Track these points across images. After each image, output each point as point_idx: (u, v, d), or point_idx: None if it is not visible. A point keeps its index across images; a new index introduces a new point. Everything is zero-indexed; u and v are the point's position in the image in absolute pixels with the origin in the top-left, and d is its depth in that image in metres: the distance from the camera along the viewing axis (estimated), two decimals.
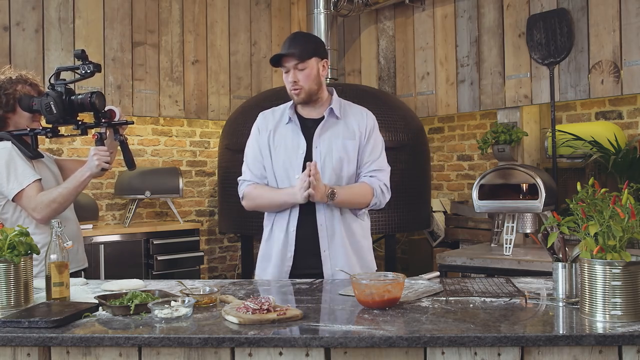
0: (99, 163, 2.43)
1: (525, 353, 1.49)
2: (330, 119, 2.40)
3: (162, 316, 1.63)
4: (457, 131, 5.57)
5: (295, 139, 2.38)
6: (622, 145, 4.03)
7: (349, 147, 2.38)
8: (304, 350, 1.50)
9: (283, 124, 2.43)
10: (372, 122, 2.46)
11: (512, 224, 3.75)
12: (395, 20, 5.40)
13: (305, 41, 2.35)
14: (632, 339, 1.46)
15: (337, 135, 2.38)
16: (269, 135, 2.43)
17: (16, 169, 2.38)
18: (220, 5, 5.35)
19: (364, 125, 2.42)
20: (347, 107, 2.48)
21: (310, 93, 2.35)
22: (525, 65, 4.42)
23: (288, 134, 2.40)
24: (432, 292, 1.93)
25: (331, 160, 2.35)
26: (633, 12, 3.87)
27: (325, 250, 2.35)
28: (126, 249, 4.55)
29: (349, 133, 2.40)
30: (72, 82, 2.45)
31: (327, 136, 2.38)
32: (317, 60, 2.34)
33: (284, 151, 2.38)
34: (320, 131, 2.38)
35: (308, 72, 2.32)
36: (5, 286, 1.80)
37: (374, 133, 2.45)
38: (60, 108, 2.40)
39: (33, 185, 2.39)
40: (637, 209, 1.59)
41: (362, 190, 2.37)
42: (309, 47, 2.33)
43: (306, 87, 2.33)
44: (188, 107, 5.15)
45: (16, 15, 4.31)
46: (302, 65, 2.30)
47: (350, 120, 2.42)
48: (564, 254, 1.81)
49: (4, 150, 2.40)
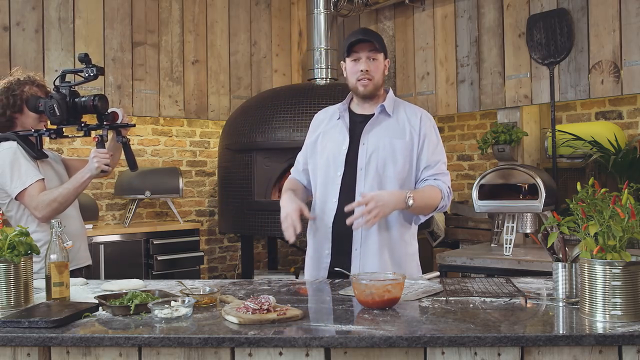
0: (99, 165, 2.47)
1: (525, 353, 1.49)
2: (381, 115, 2.35)
3: (162, 316, 1.63)
4: (457, 131, 5.57)
5: (341, 135, 2.36)
6: (622, 145, 4.03)
7: (397, 146, 2.31)
8: (304, 350, 1.50)
9: (333, 121, 2.41)
10: (427, 123, 2.37)
11: (512, 224, 3.75)
12: (395, 20, 5.40)
13: (377, 35, 2.37)
14: (632, 339, 1.46)
15: (386, 133, 2.32)
16: (318, 135, 2.43)
17: (20, 168, 2.45)
18: (220, 5, 5.35)
19: (417, 125, 2.35)
20: (402, 106, 2.42)
21: (377, 86, 2.33)
22: (525, 65, 4.42)
23: (335, 131, 2.38)
24: (432, 292, 1.93)
25: (377, 159, 2.29)
26: (633, 12, 3.87)
27: (357, 248, 2.29)
28: (126, 249, 4.55)
29: (399, 132, 2.33)
30: (76, 84, 2.48)
31: (375, 133, 2.32)
32: (384, 57, 2.35)
33: (329, 147, 2.36)
34: (369, 127, 2.33)
35: (378, 64, 2.31)
36: (5, 286, 1.80)
37: (431, 134, 2.37)
38: (64, 110, 2.44)
39: (35, 185, 2.44)
40: (637, 209, 1.59)
41: (434, 194, 2.30)
42: (382, 41, 2.34)
43: (376, 78, 2.31)
44: (188, 107, 5.15)
45: (16, 15, 4.31)
46: (376, 55, 2.30)
47: (402, 119, 2.36)
48: (564, 254, 1.81)
49: (9, 150, 2.48)
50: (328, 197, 2.34)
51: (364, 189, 2.28)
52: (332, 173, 2.33)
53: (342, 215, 2.25)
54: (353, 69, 2.32)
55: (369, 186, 2.28)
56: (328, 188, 2.34)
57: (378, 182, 2.29)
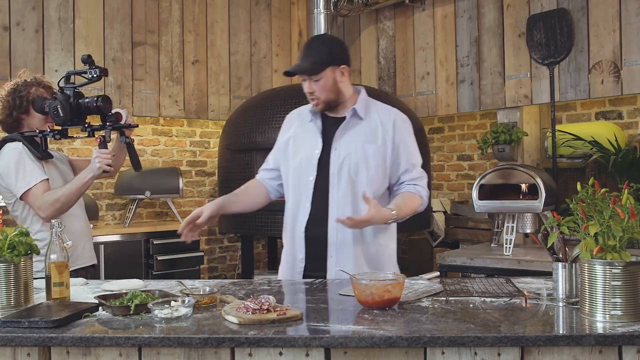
0: (100, 165, 2.48)
1: (525, 353, 1.49)
2: (353, 119, 2.31)
3: (162, 316, 1.63)
4: (457, 131, 5.57)
5: (313, 139, 2.32)
6: (622, 145, 4.03)
7: (369, 151, 2.27)
8: (304, 350, 1.50)
9: (305, 123, 2.38)
10: (402, 127, 2.34)
11: (512, 224, 3.75)
12: (395, 20, 5.40)
13: (318, 52, 2.25)
14: (632, 339, 1.46)
15: (358, 138, 2.28)
16: (289, 138, 2.40)
17: (25, 168, 2.49)
18: (220, 5, 5.35)
19: (390, 129, 2.30)
20: (374, 107, 2.36)
21: (327, 103, 2.28)
22: (525, 65, 4.42)
23: (307, 135, 2.35)
24: (432, 292, 1.93)
25: (349, 164, 2.26)
26: (633, 12, 3.87)
27: (332, 256, 2.27)
28: (126, 249, 4.55)
29: (371, 136, 2.29)
30: (80, 85, 2.51)
31: (347, 138, 2.29)
32: (333, 68, 2.24)
33: (301, 151, 2.34)
34: (340, 132, 2.29)
35: (323, 83, 2.24)
36: (5, 286, 1.80)
37: (405, 137, 2.34)
38: (67, 111, 2.47)
39: (40, 185, 2.49)
40: (637, 209, 1.59)
41: (415, 203, 2.30)
42: (322, 57, 2.23)
43: (322, 97, 2.26)
44: (188, 107, 5.15)
45: (16, 15, 4.31)
46: (316, 77, 2.23)
47: (375, 122, 2.31)
48: (564, 254, 1.81)
49: (15, 150, 2.52)
50: (301, 202, 2.31)
51: (337, 194, 2.26)
52: (304, 177, 2.31)
53: (315, 220, 2.27)
54: (303, 86, 2.29)
55: (342, 191, 2.26)
56: (301, 192, 2.32)
57: (351, 187, 2.26)
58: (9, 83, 2.66)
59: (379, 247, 2.34)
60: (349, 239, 2.26)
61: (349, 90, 2.33)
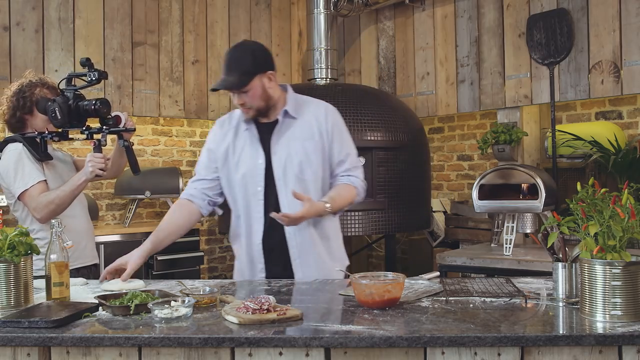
0: (93, 169, 2.49)
1: (525, 353, 1.49)
2: (286, 120, 2.30)
3: (162, 316, 1.63)
4: (457, 131, 5.57)
5: (253, 150, 2.30)
6: (622, 145, 4.03)
7: (309, 148, 2.28)
8: (304, 350, 1.50)
9: (240, 132, 2.34)
10: (332, 117, 2.35)
11: (512, 224, 3.75)
12: (395, 20, 5.40)
13: (242, 63, 2.21)
14: (632, 339, 1.46)
15: (295, 138, 2.29)
16: (227, 149, 2.34)
17: (23, 169, 2.53)
18: (220, 5, 5.35)
19: (323, 122, 2.32)
20: (305, 104, 2.36)
21: (259, 110, 2.26)
22: (525, 65, 4.42)
23: (246, 146, 2.32)
24: (432, 292, 1.93)
25: (292, 166, 2.26)
26: (633, 12, 3.87)
27: (295, 259, 2.29)
28: (126, 249, 4.46)
29: (307, 133, 2.30)
30: (80, 88, 2.52)
31: (284, 140, 2.29)
32: (260, 77, 2.22)
33: (244, 163, 2.30)
34: (276, 136, 2.29)
35: (252, 94, 2.22)
36: (5, 286, 1.80)
37: (338, 128, 2.34)
38: (65, 113, 2.47)
39: (37, 186, 2.52)
40: (637, 209, 1.59)
41: (349, 194, 2.30)
42: (247, 68, 2.20)
43: (254, 106, 2.25)
44: (188, 107, 5.15)
45: (16, 15, 4.31)
46: (244, 89, 2.21)
47: (308, 118, 2.32)
48: (564, 254, 1.81)
49: (14, 151, 2.55)
50: (252, 214, 2.31)
51: (287, 199, 2.26)
52: (252, 189, 2.30)
53: (271, 229, 2.27)
54: (233, 98, 2.27)
55: (291, 195, 2.24)
56: (250, 205, 2.31)
57: (300, 188, 2.25)
58: (14, 83, 2.69)
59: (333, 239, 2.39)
60: (307, 239, 2.29)
61: (277, 93, 2.31)
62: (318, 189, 2.31)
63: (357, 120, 4.36)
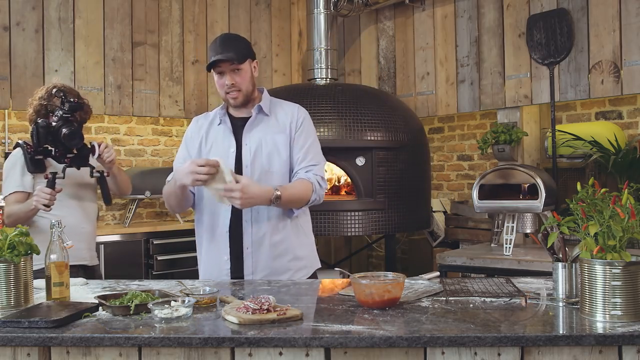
0: (36, 205, 2.53)
1: (525, 353, 1.49)
2: (259, 115, 2.38)
3: (162, 316, 1.63)
4: (457, 131, 5.57)
5: (226, 140, 2.36)
6: (622, 145, 4.03)
7: (279, 141, 2.34)
8: (304, 350, 1.50)
9: (215, 127, 2.41)
10: (302, 116, 2.42)
11: (512, 224, 3.75)
12: (395, 20, 5.40)
13: (238, 44, 2.32)
14: (632, 339, 1.46)
15: (267, 131, 2.36)
16: (201, 140, 2.40)
17: (13, 175, 2.72)
18: (220, 5, 5.35)
19: (295, 119, 2.39)
20: (278, 104, 2.45)
21: (247, 95, 2.34)
22: (525, 65, 4.42)
23: (219, 136, 2.38)
24: (432, 292, 1.93)
25: (260, 156, 2.32)
26: (633, 12, 3.87)
27: (248, 247, 2.29)
28: (126, 249, 4.54)
29: (279, 127, 2.37)
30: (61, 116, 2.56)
31: (256, 132, 2.35)
32: (250, 61, 2.34)
33: (216, 153, 2.34)
34: (249, 127, 2.35)
35: (244, 74, 2.31)
36: (5, 286, 1.80)
37: (304, 126, 2.40)
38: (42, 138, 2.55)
39: (13, 195, 2.71)
40: (637, 209, 1.60)
41: (304, 188, 2.30)
42: (243, 49, 2.31)
43: (244, 89, 2.31)
44: (188, 107, 5.15)
45: (16, 15, 4.31)
46: (239, 66, 2.28)
47: (280, 115, 2.40)
48: (564, 254, 1.81)
49: (14, 157, 2.76)
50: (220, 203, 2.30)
51: None
52: None
53: (236, 217, 2.29)
54: (219, 82, 2.32)
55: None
56: None
57: (265, 179, 2.29)
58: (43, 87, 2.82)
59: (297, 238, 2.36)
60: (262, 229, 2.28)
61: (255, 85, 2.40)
62: (284, 182, 2.32)
63: (357, 120, 4.36)
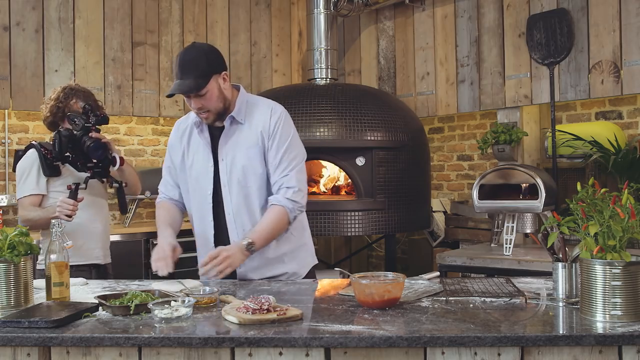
0: (59, 214, 2.57)
1: (525, 353, 1.49)
2: (233, 126, 2.29)
3: (162, 316, 1.63)
4: (457, 131, 5.57)
5: (204, 152, 2.32)
6: (622, 145, 4.02)
7: (253, 155, 2.26)
8: (304, 350, 1.50)
9: (195, 136, 2.36)
10: (276, 118, 2.28)
11: (512, 224, 3.74)
12: (395, 20, 5.40)
13: (196, 65, 2.17)
14: (632, 339, 1.46)
15: (241, 144, 2.27)
16: (184, 151, 2.38)
17: (28, 178, 2.73)
18: (220, 5, 5.35)
19: (267, 126, 2.27)
20: (254, 106, 2.33)
21: (218, 112, 2.24)
22: (525, 65, 4.42)
23: (199, 149, 2.33)
24: (432, 292, 1.93)
25: (236, 172, 2.26)
26: (633, 12, 3.87)
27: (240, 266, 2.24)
28: (126, 249, 4.54)
29: (252, 140, 2.27)
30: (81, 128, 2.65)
31: (230, 146, 2.28)
32: (216, 77, 2.20)
33: (196, 166, 2.33)
34: (223, 141, 2.29)
35: (209, 96, 2.19)
36: (5, 286, 1.80)
37: (278, 131, 2.27)
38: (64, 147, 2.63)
39: (28, 198, 2.73)
40: (637, 209, 1.60)
41: (276, 219, 2.22)
42: (203, 70, 2.16)
43: (213, 108, 2.22)
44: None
45: (16, 15, 4.31)
46: (201, 91, 2.16)
47: (255, 123, 2.28)
48: (564, 254, 1.81)
49: (29, 158, 2.76)
50: (204, 217, 2.34)
51: (231, 205, 2.28)
52: (203, 192, 2.32)
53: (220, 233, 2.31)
54: (188, 102, 2.24)
55: (235, 201, 2.27)
56: (203, 207, 2.34)
57: (244, 195, 2.27)
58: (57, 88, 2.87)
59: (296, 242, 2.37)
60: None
61: (230, 94, 2.29)
62: (262, 196, 2.28)
63: (357, 120, 4.36)
